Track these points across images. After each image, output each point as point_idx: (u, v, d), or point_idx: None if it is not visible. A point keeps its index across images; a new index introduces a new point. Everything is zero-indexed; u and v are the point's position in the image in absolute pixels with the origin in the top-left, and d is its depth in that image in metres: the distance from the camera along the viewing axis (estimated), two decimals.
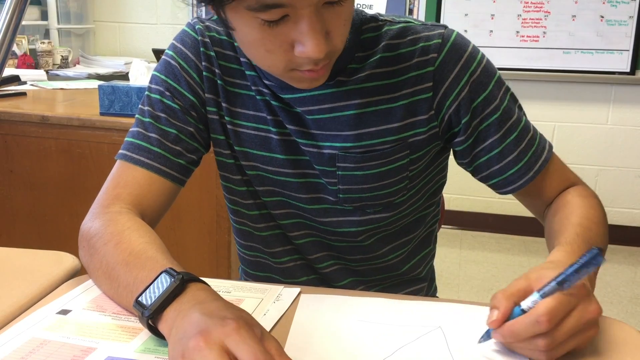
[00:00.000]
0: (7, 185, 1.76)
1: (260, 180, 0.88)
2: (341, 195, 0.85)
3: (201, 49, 0.85)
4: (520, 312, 0.59)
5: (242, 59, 0.85)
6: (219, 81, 0.85)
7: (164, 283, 0.61)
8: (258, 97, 0.84)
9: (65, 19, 3.16)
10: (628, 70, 2.93)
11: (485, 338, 0.62)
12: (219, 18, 0.69)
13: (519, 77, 3.02)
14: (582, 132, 3.10)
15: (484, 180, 0.87)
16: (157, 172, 0.82)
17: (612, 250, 3.01)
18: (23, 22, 1.37)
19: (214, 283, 0.72)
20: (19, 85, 2.19)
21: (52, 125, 1.67)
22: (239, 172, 0.89)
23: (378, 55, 0.81)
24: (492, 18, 3.03)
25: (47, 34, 3.10)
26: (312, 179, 0.86)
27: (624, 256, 3.02)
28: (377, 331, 0.66)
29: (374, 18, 0.83)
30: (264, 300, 0.72)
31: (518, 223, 3.15)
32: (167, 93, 0.84)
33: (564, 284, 0.57)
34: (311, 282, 0.95)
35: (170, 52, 0.86)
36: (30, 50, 2.82)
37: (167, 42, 0.88)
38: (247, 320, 0.54)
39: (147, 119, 0.84)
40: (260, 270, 0.97)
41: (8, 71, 2.32)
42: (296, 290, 0.75)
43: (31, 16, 3.00)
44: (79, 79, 2.51)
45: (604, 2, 2.88)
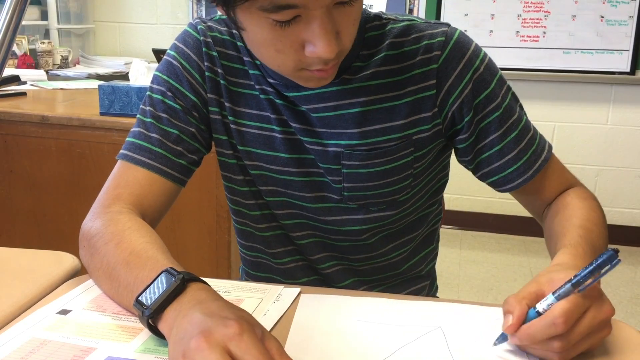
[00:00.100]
0: (7, 185, 1.76)
1: (264, 180, 0.88)
2: (346, 194, 0.85)
3: (203, 49, 0.85)
4: (535, 315, 0.59)
5: (245, 58, 0.85)
6: (221, 81, 0.85)
7: (164, 283, 0.61)
8: (262, 96, 0.84)
9: (65, 19, 3.16)
10: (628, 70, 2.93)
11: (501, 340, 0.62)
12: (228, 18, 0.69)
13: (519, 77, 3.02)
14: (582, 132, 3.10)
15: (484, 177, 0.87)
16: (158, 173, 0.82)
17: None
18: (23, 22, 1.37)
19: (214, 283, 0.72)
20: (19, 85, 2.19)
21: (52, 125, 1.67)
22: (241, 172, 0.89)
23: (382, 54, 0.81)
24: (492, 18, 3.03)
25: (47, 34, 3.10)
26: (316, 177, 0.86)
27: (624, 256, 3.00)
28: (377, 331, 0.66)
29: (378, 16, 0.83)
30: (264, 300, 0.72)
31: (518, 223, 3.15)
32: (169, 93, 0.84)
33: (579, 286, 0.57)
34: (312, 282, 0.94)
35: (172, 53, 0.86)
36: (30, 50, 2.82)
37: (167, 42, 0.88)
38: (248, 321, 0.54)
39: (149, 119, 0.84)
40: (261, 271, 0.97)
41: (8, 71, 2.32)
42: (296, 290, 0.75)
43: (31, 16, 3.00)
44: (79, 79, 2.51)
45: (604, 2, 2.88)
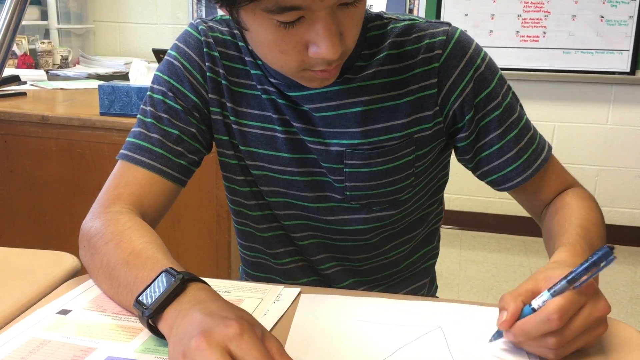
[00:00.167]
0: (7, 185, 1.76)
1: (266, 180, 0.88)
2: (348, 193, 0.85)
3: (204, 49, 0.85)
4: (531, 311, 0.59)
5: (246, 58, 0.85)
6: (223, 81, 0.85)
7: (164, 282, 0.61)
8: (264, 96, 0.84)
9: (65, 19, 3.16)
10: (628, 70, 2.93)
11: (496, 337, 0.62)
12: (231, 18, 0.69)
13: (519, 77, 3.02)
14: (582, 132, 3.10)
15: (483, 176, 0.87)
16: (159, 173, 0.82)
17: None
18: (23, 22, 1.37)
19: (214, 283, 0.72)
20: (19, 85, 2.19)
21: (52, 125, 1.67)
22: (242, 172, 0.89)
23: (384, 53, 0.81)
24: (492, 18, 3.03)
25: (47, 34, 3.10)
26: (318, 177, 0.86)
27: (624, 256, 3.02)
28: (377, 331, 0.66)
29: (379, 16, 0.83)
30: (264, 300, 0.72)
31: (518, 223, 3.15)
32: (170, 94, 0.84)
33: (575, 283, 0.57)
34: (312, 283, 0.94)
35: (173, 53, 0.86)
36: (30, 50, 2.82)
37: (167, 42, 0.88)
38: (248, 321, 0.54)
39: (149, 120, 0.84)
40: (261, 271, 0.97)
41: (8, 71, 2.32)
42: (296, 290, 0.75)
43: (31, 16, 3.00)
44: (79, 79, 2.51)
45: (604, 2, 2.88)
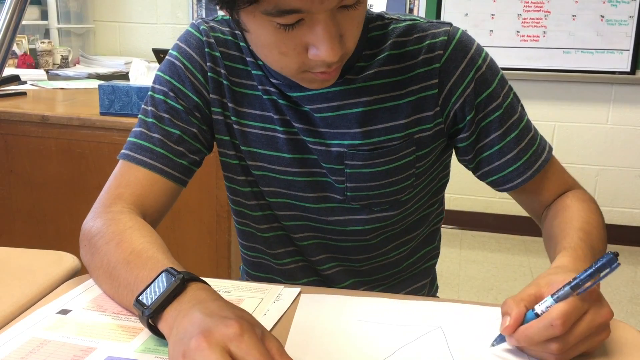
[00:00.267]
0: (7, 185, 1.76)
1: (266, 181, 0.88)
2: (348, 194, 0.85)
3: (206, 49, 0.85)
4: (534, 316, 0.59)
5: (248, 58, 0.85)
6: (224, 81, 0.85)
7: (164, 282, 0.61)
8: (265, 96, 0.84)
9: (65, 19, 3.16)
10: (628, 70, 2.93)
11: (499, 341, 0.62)
12: (232, 20, 0.69)
13: (519, 77, 3.02)
14: (582, 132, 3.10)
15: (484, 177, 0.87)
16: (160, 173, 0.82)
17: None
18: (23, 22, 1.37)
19: (214, 283, 0.72)
20: (19, 85, 2.19)
21: (52, 125, 1.67)
22: (243, 172, 0.89)
23: (385, 53, 0.81)
24: (492, 18, 3.03)
25: (47, 34, 3.10)
26: (319, 177, 0.86)
27: (624, 256, 3.02)
28: (377, 331, 0.66)
29: (380, 16, 0.83)
30: (264, 300, 0.72)
31: (518, 223, 3.15)
32: (171, 94, 0.84)
33: (578, 289, 0.57)
34: (312, 283, 0.94)
35: (175, 53, 0.86)
36: (30, 50, 2.82)
37: (167, 42, 0.88)
38: (248, 321, 0.54)
39: (150, 119, 0.84)
40: (261, 272, 0.97)
41: (8, 71, 2.32)
42: (296, 290, 0.75)
43: (31, 16, 3.00)
44: (79, 78, 2.51)
45: (604, 2, 2.88)
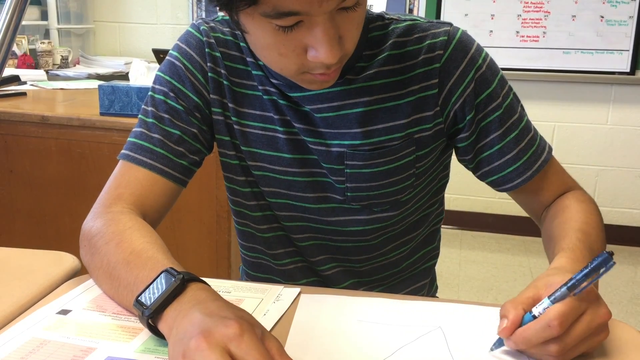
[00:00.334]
0: (7, 185, 1.76)
1: (266, 181, 0.88)
2: (349, 194, 0.85)
3: (206, 49, 0.85)
4: (532, 318, 0.59)
5: (248, 59, 0.85)
6: (224, 82, 0.85)
7: (164, 283, 0.61)
8: (265, 96, 0.84)
9: (65, 19, 3.16)
10: (628, 70, 2.93)
11: (497, 345, 0.62)
12: (232, 21, 0.69)
13: (519, 77, 3.02)
14: (582, 132, 3.10)
15: (484, 177, 0.87)
16: (160, 173, 0.82)
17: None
18: (23, 22, 1.37)
19: (214, 283, 0.72)
20: (19, 85, 2.19)
21: (52, 125, 1.67)
22: (243, 173, 0.89)
23: (385, 53, 0.81)
24: (492, 18, 3.03)
25: (47, 34, 3.10)
26: (319, 177, 0.86)
27: (624, 256, 3.02)
28: (377, 331, 0.66)
29: (381, 17, 0.83)
30: (264, 300, 0.72)
31: (518, 223, 3.15)
32: (171, 94, 0.84)
33: (575, 289, 0.57)
34: (311, 284, 0.94)
35: (175, 53, 0.86)
36: (30, 50, 2.82)
37: (167, 42, 0.88)
38: (248, 321, 0.54)
39: (151, 120, 0.84)
40: (261, 272, 0.97)
41: (8, 71, 2.32)
42: (296, 290, 0.75)
43: (31, 16, 3.00)
44: (79, 79, 2.51)
45: (604, 2, 2.88)
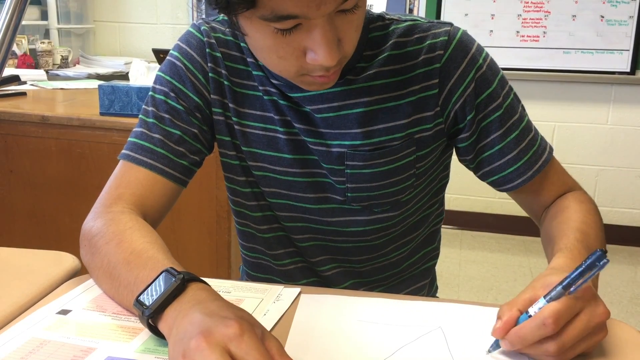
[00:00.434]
0: (7, 185, 1.76)
1: (267, 181, 0.88)
2: (349, 194, 0.85)
3: (207, 50, 0.85)
4: (527, 318, 0.59)
5: (248, 59, 0.85)
6: (225, 82, 0.85)
7: (164, 282, 0.61)
8: (265, 97, 0.84)
9: (65, 19, 3.16)
10: (628, 70, 2.93)
11: (494, 347, 0.62)
12: (231, 23, 0.69)
13: (519, 77, 3.02)
14: (582, 132, 3.10)
15: (484, 177, 0.87)
16: (160, 173, 0.82)
17: (612, 250, 3.01)
18: (23, 22, 1.37)
19: (214, 283, 0.72)
20: (19, 85, 2.19)
21: (52, 125, 1.67)
22: (244, 173, 0.89)
23: (386, 54, 0.81)
24: (492, 18, 3.03)
25: (47, 34, 3.10)
26: (319, 178, 0.86)
27: (624, 256, 3.02)
28: (377, 331, 0.66)
29: (381, 17, 0.83)
30: (264, 300, 0.72)
31: (518, 223, 3.15)
32: (172, 94, 0.84)
33: (570, 288, 0.57)
34: (312, 284, 0.94)
35: (175, 53, 0.86)
36: (30, 50, 2.82)
37: (167, 42, 0.88)
38: (248, 321, 0.54)
39: (151, 120, 0.84)
40: (261, 272, 0.97)
41: (8, 71, 2.32)
42: (296, 290, 0.75)
43: (31, 16, 3.00)
44: (79, 79, 2.51)
45: (604, 2, 2.88)
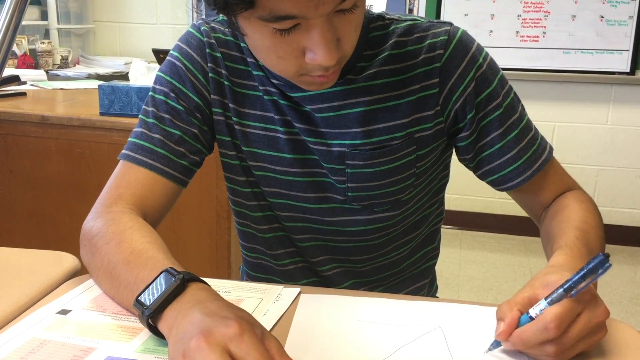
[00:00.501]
0: (7, 185, 1.76)
1: (267, 181, 0.88)
2: (350, 194, 0.85)
3: (207, 50, 0.85)
4: (528, 320, 0.59)
5: (248, 59, 0.85)
6: (225, 82, 0.85)
7: (164, 282, 0.61)
8: (265, 97, 0.84)
9: (65, 19, 3.16)
10: (628, 70, 2.93)
11: (494, 346, 0.62)
12: (230, 23, 0.69)
13: (519, 77, 3.02)
14: (582, 132, 3.10)
15: (484, 176, 0.87)
16: (160, 173, 0.82)
17: (612, 250, 3.01)
18: (23, 22, 1.37)
19: (214, 283, 0.72)
20: (19, 85, 2.19)
21: (52, 125, 1.67)
22: (244, 173, 0.89)
23: (386, 53, 0.81)
24: (492, 18, 3.03)
25: (47, 34, 3.10)
26: (320, 177, 0.86)
27: (624, 256, 3.02)
28: (377, 331, 0.66)
29: (381, 17, 0.84)
30: (263, 300, 0.72)
31: (518, 223, 3.15)
32: (172, 94, 0.84)
33: (571, 291, 0.57)
34: (312, 284, 0.94)
35: (175, 53, 0.86)
36: (30, 50, 2.82)
37: (167, 42, 0.88)
38: (248, 321, 0.54)
39: (151, 120, 0.84)
40: (261, 272, 0.97)
41: (8, 71, 2.32)
42: (296, 290, 0.75)
43: (31, 16, 3.00)
44: (79, 79, 2.51)
45: (604, 2, 2.88)
